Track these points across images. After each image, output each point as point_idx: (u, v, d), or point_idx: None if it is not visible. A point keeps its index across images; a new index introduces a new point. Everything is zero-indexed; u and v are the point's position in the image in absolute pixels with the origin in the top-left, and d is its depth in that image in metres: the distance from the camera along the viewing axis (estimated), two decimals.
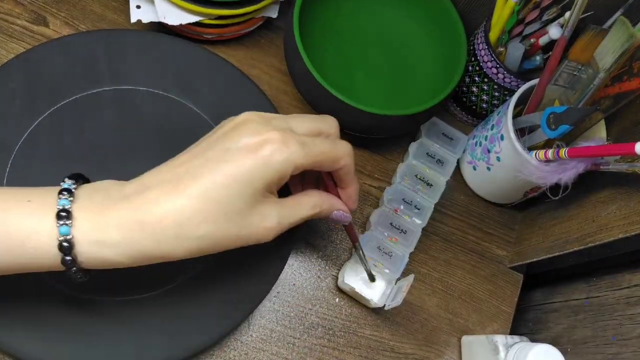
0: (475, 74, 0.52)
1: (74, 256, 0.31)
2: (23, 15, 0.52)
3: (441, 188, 0.52)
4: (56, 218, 0.31)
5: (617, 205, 0.43)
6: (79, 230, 0.31)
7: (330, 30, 0.55)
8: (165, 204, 0.32)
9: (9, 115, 0.46)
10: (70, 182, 0.33)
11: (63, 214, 0.31)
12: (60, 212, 0.31)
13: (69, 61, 0.48)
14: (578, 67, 0.44)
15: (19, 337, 0.40)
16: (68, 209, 0.31)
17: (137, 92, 0.49)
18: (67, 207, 0.31)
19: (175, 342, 0.43)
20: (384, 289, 0.48)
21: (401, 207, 0.51)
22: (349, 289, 0.48)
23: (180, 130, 0.49)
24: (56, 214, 0.31)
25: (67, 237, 0.31)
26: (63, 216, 0.31)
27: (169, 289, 0.43)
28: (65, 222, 0.31)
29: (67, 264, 0.31)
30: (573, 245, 0.47)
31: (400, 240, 0.49)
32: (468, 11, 0.54)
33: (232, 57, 0.54)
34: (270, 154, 0.33)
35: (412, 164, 0.52)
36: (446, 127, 0.54)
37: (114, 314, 0.42)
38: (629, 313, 0.44)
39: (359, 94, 0.54)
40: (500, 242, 0.56)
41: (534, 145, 0.47)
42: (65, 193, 0.32)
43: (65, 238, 0.31)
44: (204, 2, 0.49)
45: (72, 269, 0.32)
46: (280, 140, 0.33)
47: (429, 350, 0.51)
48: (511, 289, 0.54)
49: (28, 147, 0.45)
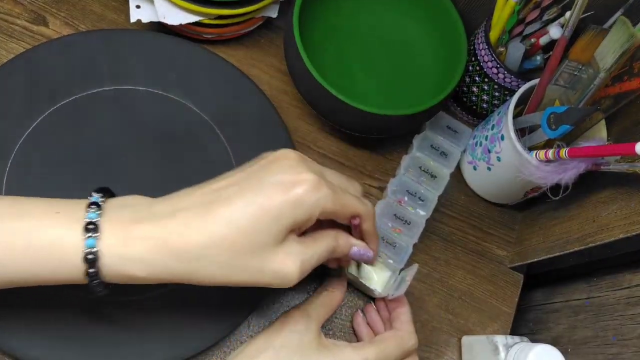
0: (476, 73, 0.52)
1: (98, 268, 0.32)
2: (23, 15, 0.52)
3: (445, 180, 0.52)
4: (84, 230, 0.32)
5: (618, 205, 0.43)
6: (104, 243, 0.32)
7: (330, 30, 0.55)
8: (194, 227, 0.33)
9: (9, 115, 0.46)
10: (98, 196, 0.34)
11: (91, 227, 0.32)
12: (87, 225, 0.32)
13: (69, 61, 0.48)
14: (578, 67, 0.44)
15: (19, 337, 0.40)
16: (96, 222, 0.32)
17: (136, 92, 0.49)
18: (95, 220, 0.32)
19: (175, 342, 0.43)
20: (387, 279, 0.48)
21: (405, 198, 0.51)
22: (353, 279, 0.48)
23: (180, 130, 0.49)
24: (84, 226, 0.32)
25: (92, 250, 0.31)
26: (90, 229, 0.32)
27: (169, 290, 0.43)
28: (92, 235, 0.31)
29: (91, 276, 0.32)
30: (573, 245, 0.47)
31: (404, 232, 0.49)
32: (468, 11, 0.54)
33: (232, 57, 0.54)
34: (302, 193, 0.34)
35: (416, 155, 0.52)
36: (450, 120, 0.54)
37: (114, 315, 0.42)
38: (630, 313, 0.44)
39: (359, 94, 0.54)
40: (500, 242, 0.56)
41: (534, 145, 0.47)
42: (93, 206, 0.33)
43: (91, 250, 0.31)
44: (204, 2, 0.49)
45: (95, 281, 0.32)
46: (313, 183, 0.34)
47: (429, 351, 0.51)
48: (511, 289, 0.54)
49: (28, 147, 0.46)
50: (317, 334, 0.40)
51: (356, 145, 0.55)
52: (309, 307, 0.42)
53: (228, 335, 0.47)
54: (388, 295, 0.46)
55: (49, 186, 0.45)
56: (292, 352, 0.39)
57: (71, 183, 0.45)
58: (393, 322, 0.45)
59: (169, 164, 0.48)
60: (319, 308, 0.42)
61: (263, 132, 0.50)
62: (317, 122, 0.55)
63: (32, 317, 0.41)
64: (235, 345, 0.47)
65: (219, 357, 0.46)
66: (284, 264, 0.34)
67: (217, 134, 0.50)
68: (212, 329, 0.44)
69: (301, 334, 0.40)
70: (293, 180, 0.34)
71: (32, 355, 0.40)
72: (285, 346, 0.39)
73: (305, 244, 0.36)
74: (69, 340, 0.41)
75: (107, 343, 0.42)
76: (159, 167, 0.48)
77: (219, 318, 0.44)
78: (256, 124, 0.50)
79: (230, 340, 0.47)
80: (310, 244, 0.36)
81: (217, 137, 0.49)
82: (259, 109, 0.51)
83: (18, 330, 0.40)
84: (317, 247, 0.37)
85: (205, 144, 0.49)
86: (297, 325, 0.40)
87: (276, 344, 0.39)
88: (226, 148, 0.49)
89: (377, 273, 0.48)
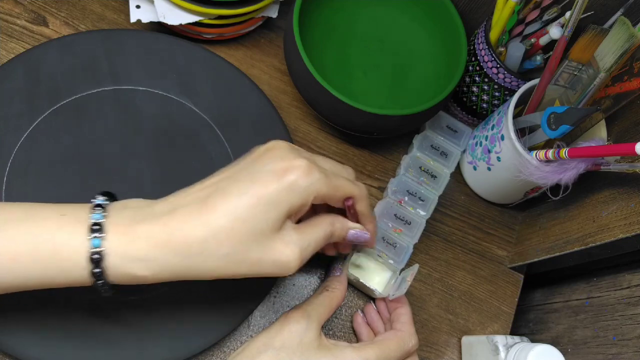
0: (476, 73, 0.52)
1: (103, 268, 0.32)
2: (23, 15, 0.52)
3: (445, 180, 0.52)
4: (89, 231, 0.32)
5: (618, 206, 0.43)
6: (109, 243, 0.32)
7: (330, 30, 0.55)
8: (192, 222, 0.33)
9: (8, 116, 0.46)
10: (102, 199, 0.35)
11: (96, 227, 0.32)
12: (93, 226, 0.32)
13: (69, 61, 0.48)
14: (578, 67, 0.44)
15: (19, 337, 0.40)
16: (101, 222, 0.33)
17: (136, 92, 0.49)
18: (100, 221, 0.33)
19: (175, 342, 0.43)
20: (388, 279, 0.48)
21: (405, 198, 0.51)
22: (353, 279, 0.48)
23: (180, 130, 0.49)
24: (89, 227, 0.32)
25: (98, 250, 0.32)
26: (95, 229, 0.32)
27: (169, 290, 0.43)
28: (97, 235, 0.32)
29: (96, 276, 0.33)
30: (573, 245, 0.47)
31: (405, 231, 0.50)
32: (468, 11, 0.54)
33: (232, 57, 0.54)
34: (295, 178, 0.34)
35: (416, 155, 0.53)
36: (450, 120, 0.55)
37: (114, 315, 0.42)
38: (630, 313, 0.44)
39: (359, 94, 0.54)
40: (500, 242, 0.56)
41: (534, 146, 0.47)
42: (98, 208, 0.33)
43: (97, 250, 0.32)
44: (204, 2, 0.49)
45: (100, 281, 0.33)
46: (305, 168, 0.35)
47: (429, 351, 0.51)
48: (511, 289, 0.54)
49: (28, 147, 0.45)
50: (317, 334, 0.40)
51: (356, 145, 0.55)
52: (309, 307, 0.42)
53: (228, 335, 0.47)
54: (388, 295, 0.46)
55: (48, 186, 0.45)
56: (292, 353, 0.39)
57: (71, 183, 0.45)
58: (393, 322, 0.45)
59: (168, 164, 0.48)
60: (319, 308, 0.42)
61: (263, 132, 0.50)
62: (317, 122, 0.55)
63: (32, 317, 0.41)
64: (235, 345, 0.47)
65: (219, 357, 0.46)
66: (282, 253, 0.35)
67: (217, 134, 0.50)
68: (212, 329, 0.44)
69: (301, 334, 0.40)
70: (285, 167, 0.35)
71: (32, 355, 0.40)
72: (286, 346, 0.39)
73: (303, 230, 0.36)
74: (69, 340, 0.41)
75: (107, 343, 0.42)
76: (159, 167, 0.48)
77: (218, 318, 0.44)
78: (256, 124, 0.50)
79: (230, 340, 0.47)
80: (307, 230, 0.37)
81: (217, 137, 0.49)
82: (259, 109, 0.51)
83: (18, 330, 0.40)
84: (315, 233, 0.37)
85: (205, 144, 0.49)
86: (297, 326, 0.40)
87: (276, 344, 0.39)
88: (226, 148, 0.49)
89: (378, 273, 0.48)
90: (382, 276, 0.48)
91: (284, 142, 0.37)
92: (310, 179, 0.35)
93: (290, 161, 0.35)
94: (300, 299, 0.49)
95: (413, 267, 0.45)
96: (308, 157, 0.37)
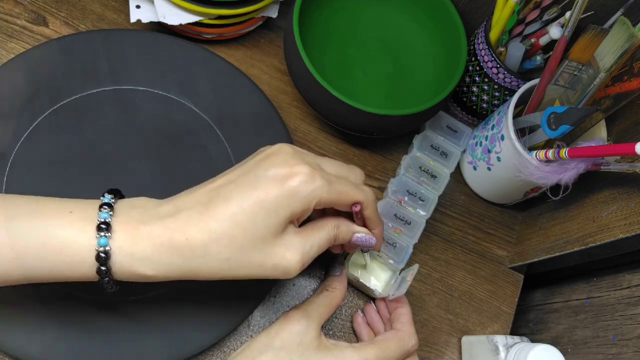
0: (476, 73, 0.52)
1: (109, 266, 0.33)
2: (23, 15, 0.52)
3: (445, 180, 0.52)
4: (96, 230, 0.33)
5: (618, 206, 0.43)
6: (116, 242, 0.33)
7: (331, 30, 0.55)
8: (195, 224, 0.34)
9: (8, 116, 0.46)
10: (110, 197, 0.35)
11: (103, 226, 0.33)
12: (100, 225, 0.33)
13: (69, 61, 0.48)
14: (578, 67, 0.44)
15: (19, 337, 0.40)
16: (108, 222, 0.33)
17: (137, 92, 0.49)
18: (107, 220, 0.33)
19: (175, 342, 0.43)
20: (388, 279, 0.48)
21: (405, 198, 0.51)
22: (353, 279, 0.48)
23: (180, 130, 0.49)
24: (97, 226, 0.33)
25: (104, 248, 0.32)
26: (103, 228, 0.33)
27: (169, 289, 0.43)
28: (104, 234, 0.33)
29: (102, 273, 0.33)
30: (573, 245, 0.47)
31: (405, 232, 0.50)
32: (468, 11, 0.54)
33: (232, 57, 0.54)
34: (297, 185, 0.35)
35: (416, 155, 0.53)
36: (450, 120, 0.55)
37: (114, 315, 0.42)
38: (630, 313, 0.44)
39: (359, 93, 0.54)
40: (500, 242, 0.56)
41: (534, 146, 0.47)
42: (106, 207, 0.34)
43: (103, 249, 0.32)
44: (204, 2, 0.49)
45: (105, 279, 0.33)
46: (308, 174, 0.35)
47: (429, 351, 0.51)
48: (511, 289, 0.54)
49: (28, 147, 0.45)
50: (317, 334, 0.40)
51: (356, 145, 0.55)
52: (309, 307, 0.42)
53: (228, 335, 0.47)
54: (388, 295, 0.46)
55: (49, 186, 0.45)
56: (292, 353, 0.39)
57: (71, 183, 0.45)
58: (393, 322, 0.45)
59: (168, 164, 0.48)
60: (319, 308, 0.42)
61: (263, 132, 0.50)
62: (317, 122, 0.55)
63: (32, 317, 0.41)
64: (235, 345, 0.47)
65: (219, 357, 0.46)
66: (284, 257, 0.35)
67: (217, 134, 0.50)
68: (212, 329, 0.44)
69: (301, 334, 0.40)
70: (287, 173, 0.35)
71: (32, 355, 0.40)
72: (286, 346, 0.39)
73: (305, 234, 0.36)
74: (69, 340, 0.41)
75: (107, 343, 0.42)
76: (159, 166, 0.48)
77: (219, 318, 0.44)
78: (256, 124, 0.50)
79: (230, 340, 0.47)
80: (309, 234, 0.37)
81: (217, 137, 0.49)
82: (259, 109, 0.51)
83: (18, 330, 0.40)
84: (317, 237, 0.37)
85: (205, 143, 0.49)
86: (298, 326, 0.40)
87: (276, 344, 0.39)
88: (226, 148, 0.49)
89: (378, 273, 0.48)
90: (382, 276, 0.48)
91: (288, 146, 0.37)
92: (312, 185, 0.35)
93: (293, 167, 0.35)
94: (300, 299, 0.49)
95: (413, 267, 0.45)
96: (312, 161, 0.37)
